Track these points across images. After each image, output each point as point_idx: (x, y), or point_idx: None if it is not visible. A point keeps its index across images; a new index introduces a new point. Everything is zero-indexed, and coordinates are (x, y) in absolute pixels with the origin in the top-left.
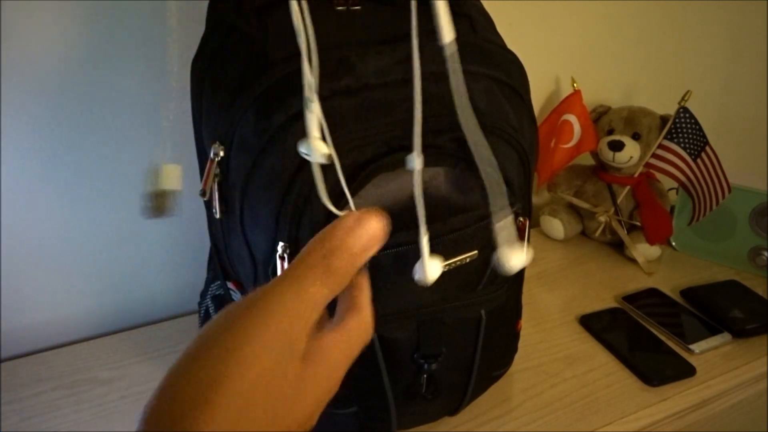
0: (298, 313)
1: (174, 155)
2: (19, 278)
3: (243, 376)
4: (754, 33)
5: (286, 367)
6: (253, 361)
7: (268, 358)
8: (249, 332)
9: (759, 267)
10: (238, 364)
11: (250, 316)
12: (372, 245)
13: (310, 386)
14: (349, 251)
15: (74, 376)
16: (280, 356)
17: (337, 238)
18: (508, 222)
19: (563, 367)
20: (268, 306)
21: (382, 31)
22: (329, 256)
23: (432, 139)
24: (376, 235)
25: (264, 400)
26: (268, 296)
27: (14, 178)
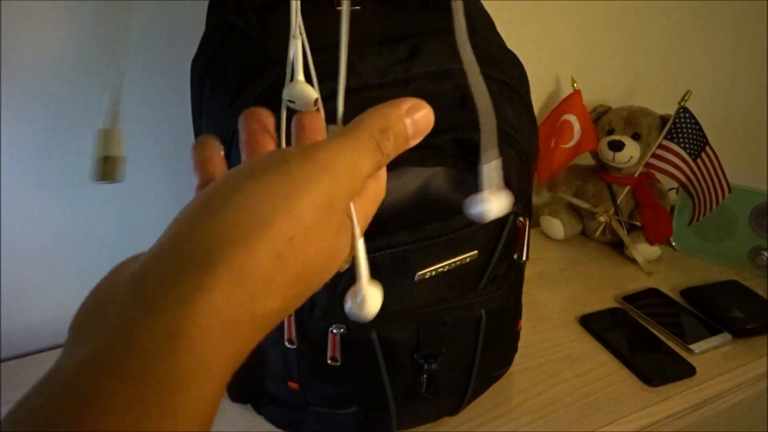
0: (346, 182)
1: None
2: (19, 278)
3: (286, 228)
4: (755, 33)
5: (324, 231)
6: (299, 217)
7: (312, 217)
8: (300, 185)
9: (759, 267)
10: (285, 213)
11: (305, 170)
12: (419, 134)
13: (339, 249)
14: (401, 136)
15: None
16: (322, 219)
17: (392, 120)
18: (496, 165)
19: (563, 367)
20: (323, 165)
21: (382, 31)
22: (382, 135)
23: (432, 138)
24: (426, 124)
25: (297, 257)
26: (324, 155)
27: (14, 179)
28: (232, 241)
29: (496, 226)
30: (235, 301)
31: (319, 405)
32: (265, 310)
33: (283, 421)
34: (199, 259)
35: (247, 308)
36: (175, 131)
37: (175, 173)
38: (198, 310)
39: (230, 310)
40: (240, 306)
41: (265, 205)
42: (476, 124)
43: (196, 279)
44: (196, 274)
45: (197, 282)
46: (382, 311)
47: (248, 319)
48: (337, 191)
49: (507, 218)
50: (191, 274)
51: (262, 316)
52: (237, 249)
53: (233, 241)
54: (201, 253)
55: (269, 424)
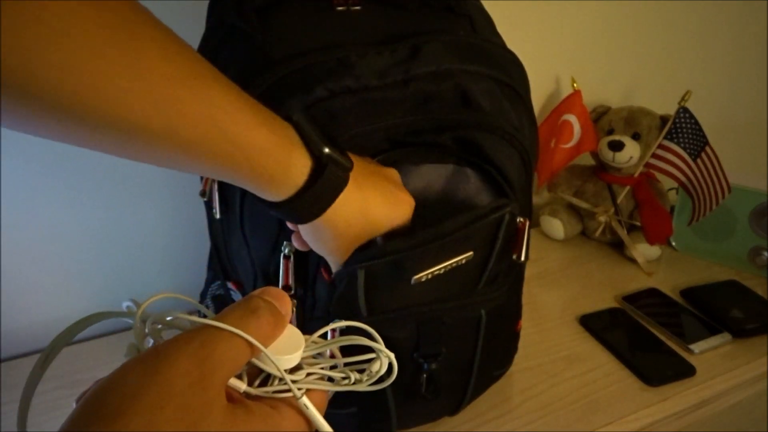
0: (215, 341)
1: None
2: (19, 278)
3: (156, 398)
4: (755, 33)
5: (199, 400)
6: (168, 385)
7: (181, 386)
8: (167, 357)
9: (759, 267)
10: (154, 384)
11: (171, 344)
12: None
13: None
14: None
15: (74, 376)
16: (194, 385)
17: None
18: None
19: (563, 367)
20: (188, 336)
21: (382, 31)
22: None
23: (432, 137)
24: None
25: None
26: (190, 331)
27: (14, 179)
28: (107, 416)
29: (491, 227)
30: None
31: None
32: None
33: None
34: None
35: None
36: None
37: (174, 173)
38: None
39: None
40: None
41: (134, 381)
42: (477, 123)
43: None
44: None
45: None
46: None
47: None
48: (206, 356)
49: (502, 218)
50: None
51: None
52: (113, 421)
53: (108, 416)
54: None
55: None
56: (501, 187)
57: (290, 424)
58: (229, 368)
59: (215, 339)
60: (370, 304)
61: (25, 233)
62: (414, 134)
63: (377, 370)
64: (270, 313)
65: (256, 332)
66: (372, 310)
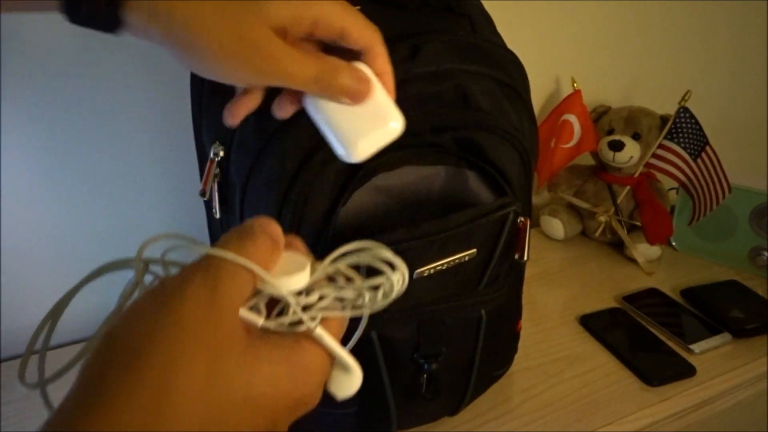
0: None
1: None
2: (19, 278)
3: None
4: (755, 33)
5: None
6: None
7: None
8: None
9: (759, 267)
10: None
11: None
12: None
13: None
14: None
15: (74, 375)
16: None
17: None
18: None
19: (563, 367)
20: (194, 266)
21: (382, 31)
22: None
23: (432, 138)
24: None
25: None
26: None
27: (14, 178)
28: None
29: (495, 225)
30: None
31: (318, 405)
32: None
33: None
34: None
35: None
36: (175, 131)
37: (175, 173)
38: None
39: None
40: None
41: (148, 319)
42: (477, 123)
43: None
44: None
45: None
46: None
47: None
48: (214, 284)
49: (507, 217)
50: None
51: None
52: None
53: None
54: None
55: None
56: (501, 187)
57: (312, 358)
58: (237, 295)
59: (219, 266)
60: None
61: (25, 233)
62: (414, 135)
63: (398, 280)
64: (265, 235)
65: (254, 256)
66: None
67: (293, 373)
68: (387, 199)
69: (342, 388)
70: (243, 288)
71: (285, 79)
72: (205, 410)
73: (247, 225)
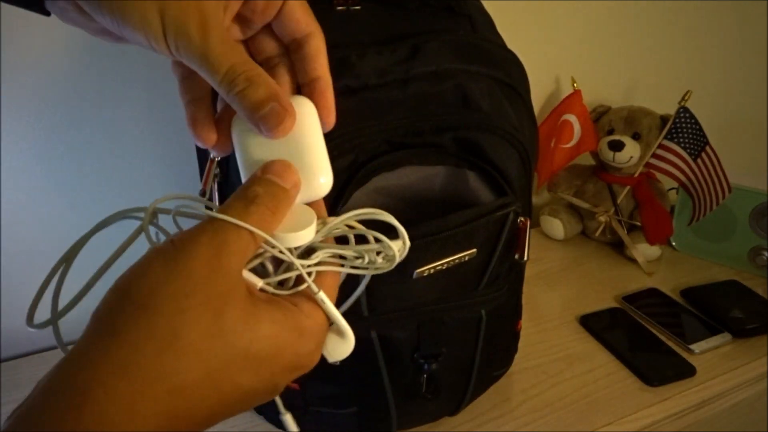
0: (223, 228)
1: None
2: (19, 278)
3: (178, 289)
4: (754, 33)
5: (218, 286)
6: (188, 275)
7: (201, 272)
8: (184, 250)
9: (759, 267)
10: (179, 275)
11: (185, 237)
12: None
13: (262, 332)
14: (264, 180)
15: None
16: (212, 272)
17: (252, 179)
18: None
19: (563, 367)
20: (198, 228)
21: (382, 31)
22: (245, 189)
23: (432, 138)
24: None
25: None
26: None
27: (14, 178)
28: (136, 306)
29: (495, 225)
30: (141, 357)
31: (319, 405)
32: (178, 367)
33: None
34: (107, 326)
35: (153, 364)
36: (176, 130)
37: (175, 173)
38: (102, 370)
39: (137, 367)
40: (147, 363)
41: (159, 271)
42: (477, 123)
43: (102, 342)
44: (102, 339)
45: (103, 345)
46: (382, 311)
47: (157, 375)
48: (220, 246)
49: (507, 217)
50: (98, 339)
51: (175, 374)
52: (140, 311)
53: (137, 305)
54: (109, 320)
55: (269, 424)
56: (501, 187)
57: (311, 320)
58: (241, 255)
59: (225, 228)
60: (371, 298)
61: (25, 233)
62: (414, 135)
63: (399, 248)
64: (271, 197)
65: (257, 221)
66: (373, 306)
67: (293, 334)
68: (387, 199)
69: (335, 352)
70: (246, 249)
71: (200, 59)
72: (209, 361)
73: (252, 188)
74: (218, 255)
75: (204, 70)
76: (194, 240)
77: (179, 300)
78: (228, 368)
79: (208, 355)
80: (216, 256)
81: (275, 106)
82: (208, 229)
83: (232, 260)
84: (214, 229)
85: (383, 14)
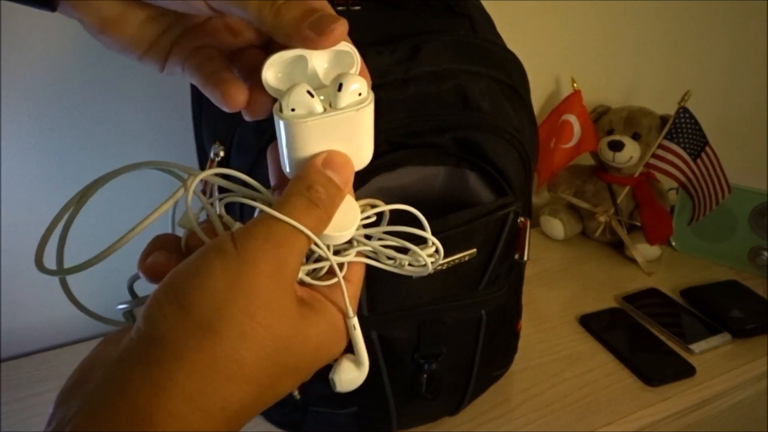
0: (290, 245)
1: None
2: (19, 278)
3: (244, 305)
4: (755, 33)
5: (282, 301)
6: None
7: (267, 289)
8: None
9: (759, 267)
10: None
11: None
12: (347, 177)
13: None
14: (329, 185)
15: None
16: (276, 288)
17: (312, 175)
18: None
19: (563, 367)
20: (264, 236)
21: (382, 31)
22: (310, 191)
23: (432, 138)
24: (346, 166)
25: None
26: (262, 228)
27: (14, 179)
28: (198, 327)
29: (495, 225)
30: (207, 386)
31: (319, 405)
32: (239, 395)
33: (283, 421)
34: (170, 345)
35: (219, 393)
36: (175, 131)
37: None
38: (170, 397)
39: (203, 396)
40: (213, 391)
41: (222, 287)
42: (477, 123)
43: (168, 366)
44: (167, 361)
45: (169, 369)
46: (382, 311)
47: (222, 403)
48: (284, 257)
49: (507, 217)
50: (163, 361)
51: (237, 401)
52: (204, 333)
53: (200, 326)
54: (171, 339)
55: (269, 424)
56: (501, 187)
57: (340, 316)
58: (298, 261)
59: (289, 237)
60: (371, 297)
61: (25, 233)
62: (414, 135)
63: (429, 254)
64: (330, 201)
65: (316, 225)
66: (373, 305)
67: (330, 335)
68: (387, 199)
69: (347, 383)
70: (302, 252)
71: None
72: (261, 382)
73: (315, 190)
74: (282, 267)
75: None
76: (258, 249)
77: (243, 323)
78: (276, 384)
79: (263, 376)
80: (280, 269)
81: (323, 14)
82: (272, 236)
83: (292, 273)
84: (279, 239)
85: (383, 14)
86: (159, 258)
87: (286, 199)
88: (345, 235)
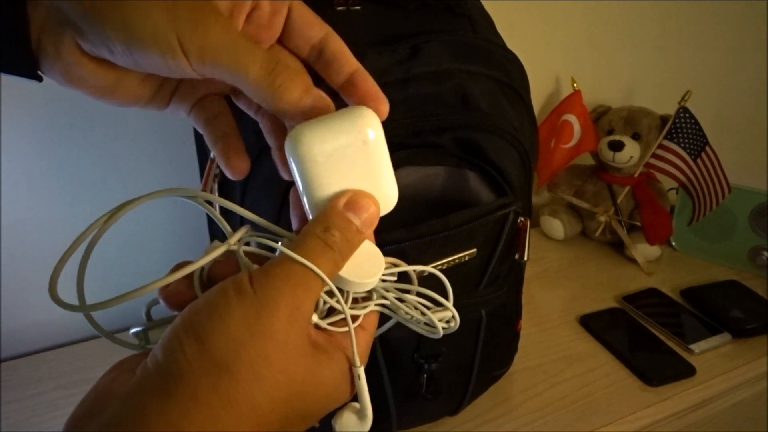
0: (305, 288)
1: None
2: (19, 278)
3: (261, 347)
4: (754, 33)
5: (298, 343)
6: (272, 333)
7: (283, 331)
8: (265, 303)
9: (759, 267)
10: (258, 333)
11: (266, 288)
12: (369, 221)
13: (324, 377)
14: (346, 228)
15: (74, 376)
16: (292, 330)
17: (332, 218)
18: None
19: (563, 367)
20: (282, 277)
21: (382, 31)
22: (326, 233)
23: (432, 138)
24: (369, 209)
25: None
26: (279, 270)
27: (14, 178)
28: (215, 366)
29: (495, 225)
30: (220, 427)
31: None
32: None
33: None
34: (187, 383)
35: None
36: (176, 130)
37: (176, 174)
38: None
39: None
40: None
41: (240, 328)
42: (477, 123)
43: (183, 404)
44: (183, 399)
45: (185, 407)
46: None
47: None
48: (300, 299)
49: (507, 217)
50: (180, 398)
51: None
52: (220, 374)
53: (217, 366)
54: (189, 378)
55: None
56: (501, 187)
57: (347, 361)
58: (313, 303)
59: (306, 280)
60: None
61: (26, 233)
62: (414, 135)
63: (446, 319)
64: (346, 243)
65: (330, 267)
66: None
67: (341, 382)
68: None
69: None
70: (317, 294)
71: (229, 65)
72: (271, 423)
73: (332, 234)
74: (298, 309)
75: (232, 70)
76: (276, 290)
77: (259, 367)
78: (286, 426)
79: (274, 419)
80: (296, 311)
81: (307, 100)
82: (290, 279)
83: (308, 312)
84: (296, 283)
85: (383, 14)
86: (180, 287)
87: (302, 240)
88: (368, 284)
